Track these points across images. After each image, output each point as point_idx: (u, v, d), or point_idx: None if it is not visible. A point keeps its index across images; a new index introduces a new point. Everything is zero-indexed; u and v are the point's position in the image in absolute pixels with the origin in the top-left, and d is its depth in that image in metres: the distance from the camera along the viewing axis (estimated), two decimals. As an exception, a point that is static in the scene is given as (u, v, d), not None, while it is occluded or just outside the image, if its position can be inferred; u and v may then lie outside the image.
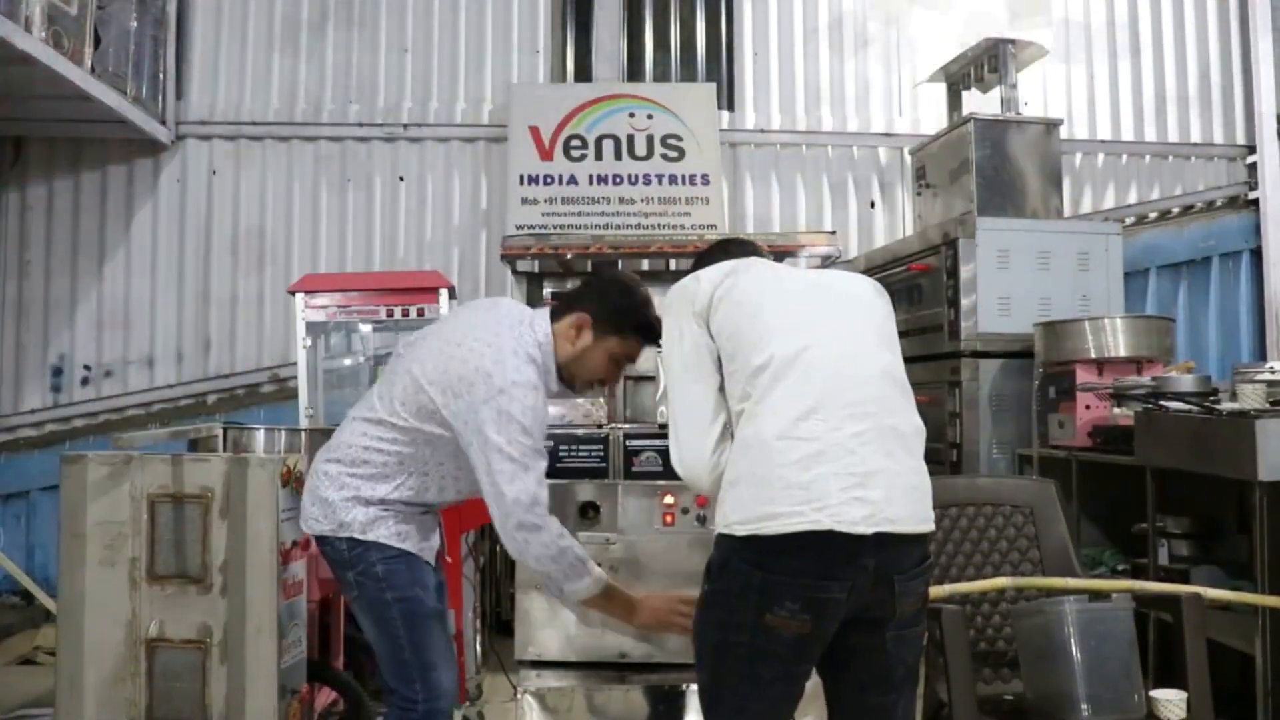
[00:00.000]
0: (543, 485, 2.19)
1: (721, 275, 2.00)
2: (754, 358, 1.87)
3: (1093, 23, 6.17)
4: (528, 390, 2.21)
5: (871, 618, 1.87)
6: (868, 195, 6.00)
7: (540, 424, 2.22)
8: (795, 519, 1.76)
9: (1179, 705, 2.35)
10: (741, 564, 1.83)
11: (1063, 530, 2.85)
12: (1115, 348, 4.02)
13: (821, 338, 1.90)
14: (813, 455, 1.80)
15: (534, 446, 2.19)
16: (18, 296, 5.64)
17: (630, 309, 2.36)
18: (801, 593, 1.76)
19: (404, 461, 2.33)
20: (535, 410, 2.21)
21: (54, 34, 4.35)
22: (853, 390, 1.87)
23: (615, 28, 6.00)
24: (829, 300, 2.01)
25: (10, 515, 5.51)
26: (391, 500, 2.34)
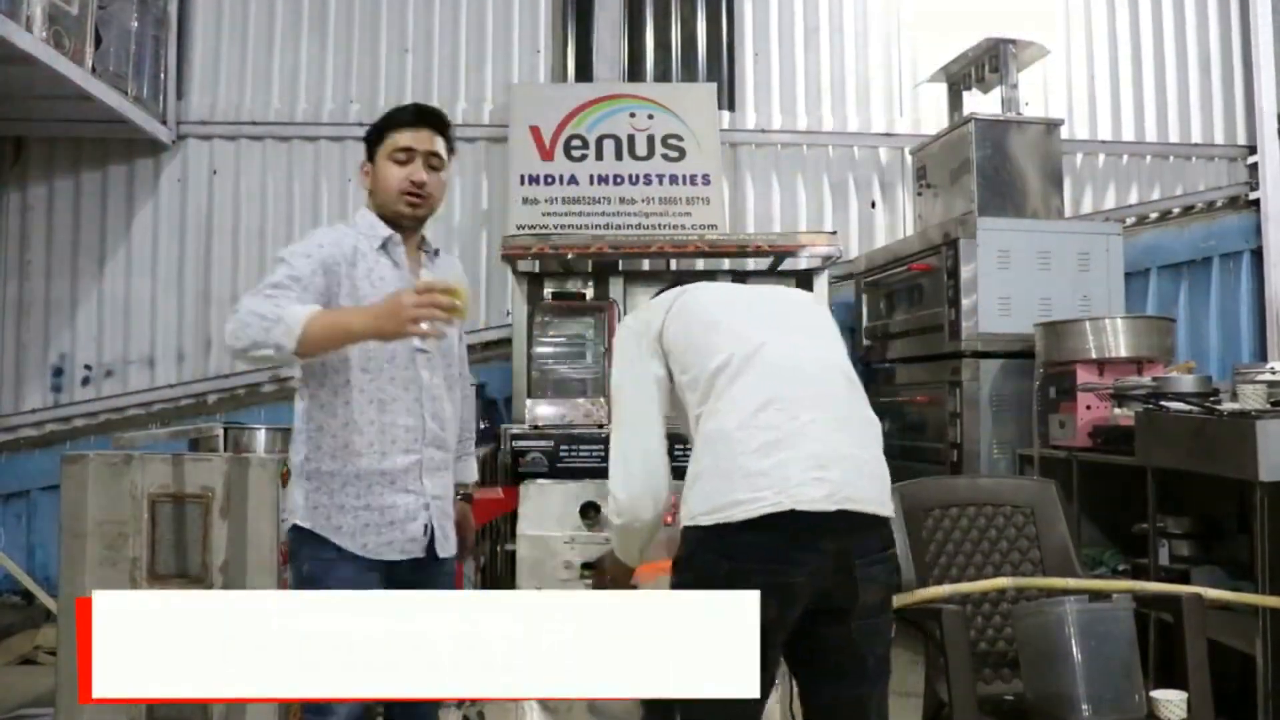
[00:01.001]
0: (261, 296, 2.00)
1: (672, 297, 2.13)
2: (711, 361, 1.95)
3: (1093, 23, 6.18)
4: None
5: (835, 607, 1.88)
6: (868, 195, 6.00)
7: (305, 246, 2.16)
8: (758, 504, 1.80)
9: (1179, 705, 2.35)
10: (707, 554, 1.86)
11: (1063, 530, 2.85)
12: (1116, 348, 4.02)
13: (775, 336, 1.99)
14: (772, 443, 1.85)
15: (285, 273, 2.06)
16: (18, 296, 5.63)
17: (373, 129, 2.32)
18: (765, 579, 1.78)
19: (308, 385, 2.17)
20: (302, 243, 2.18)
21: (55, 34, 4.35)
22: (809, 383, 1.95)
23: (616, 28, 6.00)
24: (777, 305, 2.14)
25: (11, 515, 5.51)
26: (315, 458, 2.13)
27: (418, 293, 1.91)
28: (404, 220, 2.24)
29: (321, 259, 2.12)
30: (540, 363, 4.68)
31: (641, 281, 5.12)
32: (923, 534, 2.79)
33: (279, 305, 1.96)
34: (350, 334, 1.97)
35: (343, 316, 2.02)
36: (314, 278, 2.08)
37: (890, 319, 5.24)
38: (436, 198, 2.28)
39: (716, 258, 4.91)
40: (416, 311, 1.88)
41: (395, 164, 2.23)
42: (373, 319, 1.94)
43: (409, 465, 2.16)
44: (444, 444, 2.25)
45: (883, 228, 5.97)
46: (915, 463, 4.79)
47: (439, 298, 1.90)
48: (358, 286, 2.17)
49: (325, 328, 1.94)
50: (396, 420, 2.15)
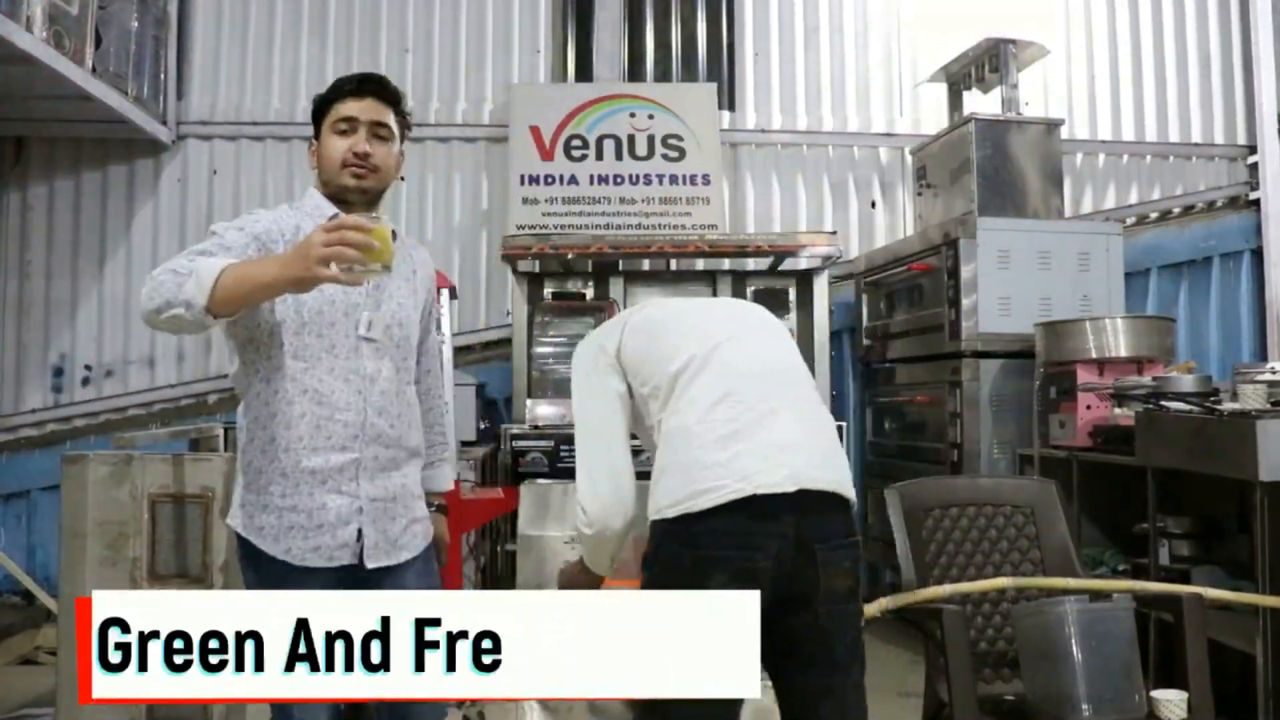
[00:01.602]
0: (180, 259, 1.84)
1: (627, 313, 2.20)
2: (671, 365, 2.01)
3: (1094, 22, 6.17)
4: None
5: (800, 594, 1.89)
6: (868, 195, 6.00)
7: (240, 221, 2.00)
8: (720, 492, 1.84)
9: (1180, 705, 2.35)
10: (672, 546, 1.89)
11: (1063, 530, 2.85)
12: (1116, 348, 4.02)
13: (731, 337, 2.05)
14: (730, 434, 1.90)
15: (213, 242, 1.91)
16: (19, 296, 5.64)
17: (315, 103, 2.14)
18: (729, 564, 1.82)
19: (245, 375, 2.00)
20: (236, 220, 2.02)
21: (55, 34, 4.35)
22: (765, 379, 2.00)
23: (616, 28, 6.00)
24: (730, 310, 2.24)
25: (11, 515, 5.51)
26: (248, 452, 1.98)
27: (324, 230, 1.68)
28: (349, 195, 2.05)
29: (256, 233, 1.95)
30: (540, 363, 4.68)
31: (641, 281, 5.13)
32: (923, 534, 2.79)
33: (195, 263, 1.79)
34: (260, 284, 1.73)
35: (253, 266, 1.78)
36: (246, 250, 1.89)
37: (890, 319, 5.24)
38: (386, 170, 2.09)
39: (716, 258, 4.91)
40: (323, 251, 1.64)
41: (338, 135, 2.06)
42: (280, 264, 1.72)
43: (344, 464, 1.96)
44: (393, 442, 2.04)
45: (883, 228, 5.97)
46: (915, 463, 4.79)
47: (349, 234, 1.65)
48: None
49: (235, 279, 1.73)
50: (334, 415, 1.96)
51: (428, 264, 2.27)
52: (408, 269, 2.15)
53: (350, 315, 1.99)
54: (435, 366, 2.34)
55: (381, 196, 2.12)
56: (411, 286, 2.16)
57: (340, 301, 1.99)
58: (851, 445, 5.27)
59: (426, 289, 2.24)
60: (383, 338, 2.03)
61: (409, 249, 2.19)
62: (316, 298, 1.94)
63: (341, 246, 1.65)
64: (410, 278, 2.16)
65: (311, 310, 1.96)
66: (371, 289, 2.03)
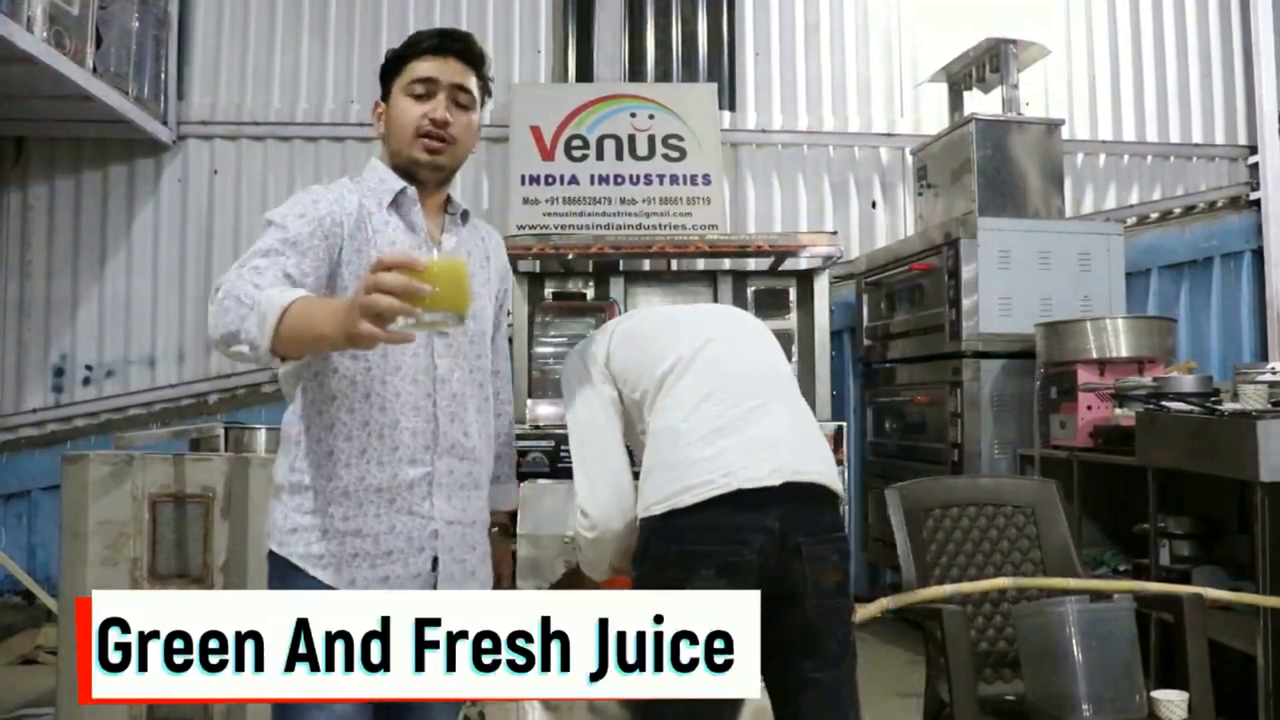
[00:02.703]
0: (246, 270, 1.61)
1: (615, 323, 2.21)
2: (658, 369, 2.02)
3: (1094, 22, 6.17)
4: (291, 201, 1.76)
5: (788, 588, 1.89)
6: (869, 195, 6.00)
7: (298, 204, 1.72)
8: (706, 488, 1.85)
9: (1180, 705, 2.35)
10: (659, 543, 1.90)
11: (1064, 530, 2.85)
12: (1117, 348, 4.02)
13: (716, 338, 2.06)
14: (715, 430, 1.91)
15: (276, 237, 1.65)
16: (19, 296, 5.64)
17: (388, 59, 1.90)
18: (715, 559, 1.83)
19: (300, 376, 1.73)
20: (292, 202, 1.73)
21: (55, 34, 4.35)
22: (750, 378, 2.02)
23: (617, 28, 6.00)
24: (715, 314, 2.24)
25: (12, 515, 5.51)
26: (299, 468, 1.71)
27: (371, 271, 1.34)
28: (421, 170, 1.80)
29: (319, 218, 1.68)
30: (541, 363, 4.67)
31: (642, 282, 5.12)
32: (923, 534, 2.79)
33: (261, 283, 1.54)
34: (320, 335, 1.42)
35: (316, 308, 1.46)
36: (312, 240, 1.66)
37: (891, 319, 5.24)
38: (464, 143, 1.83)
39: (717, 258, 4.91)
40: (363, 301, 1.30)
41: (412, 99, 1.79)
42: (333, 315, 1.40)
43: (415, 479, 1.71)
44: (468, 454, 1.79)
45: (883, 228, 5.97)
46: (916, 463, 4.79)
47: (386, 279, 1.29)
48: (366, 257, 1.71)
49: (300, 322, 1.44)
50: (400, 421, 1.70)
51: (501, 248, 2.03)
52: (480, 254, 1.92)
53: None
54: (505, 367, 2.11)
55: (454, 174, 1.87)
56: (485, 274, 1.92)
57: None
58: (852, 445, 5.27)
59: (500, 277, 2.02)
60: (455, 332, 1.75)
61: (481, 232, 1.97)
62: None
63: (377, 296, 1.29)
64: (484, 264, 1.93)
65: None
66: None
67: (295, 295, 1.47)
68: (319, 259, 1.66)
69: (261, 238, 1.67)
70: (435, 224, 1.86)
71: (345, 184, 1.82)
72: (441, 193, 1.88)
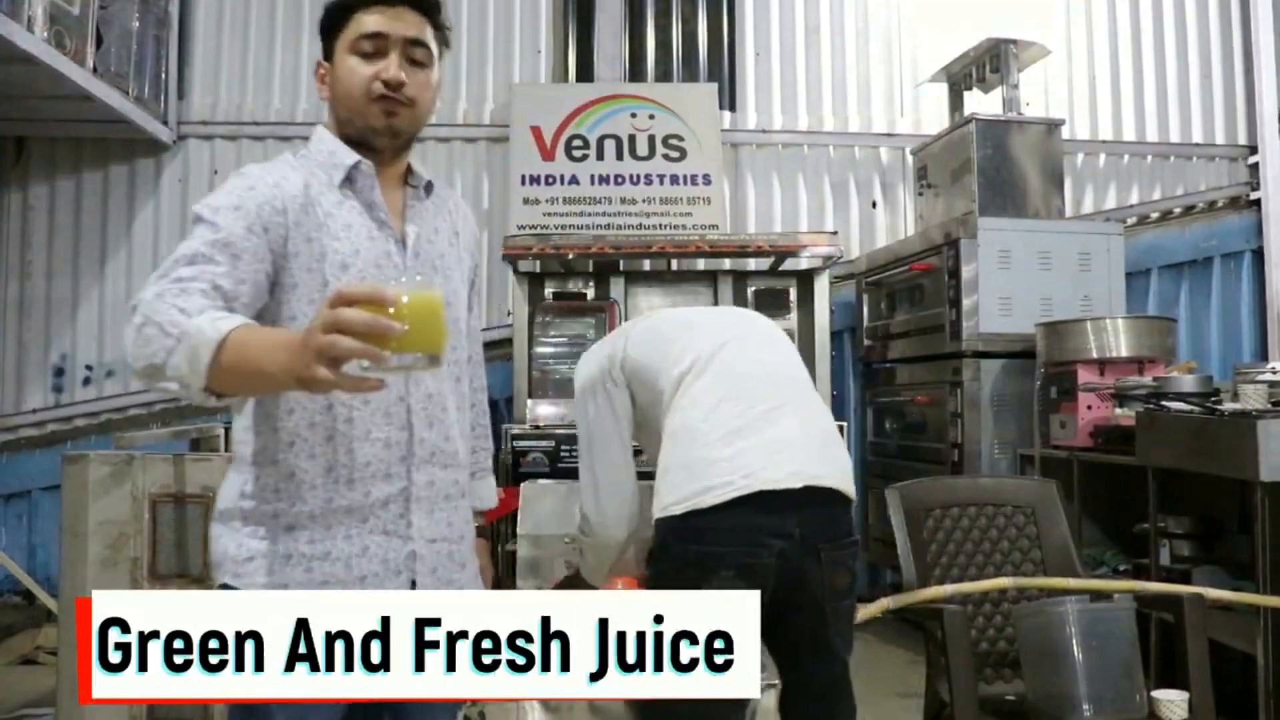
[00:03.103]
0: (166, 285, 1.37)
1: (631, 324, 2.22)
2: (675, 369, 2.03)
3: (1094, 22, 6.17)
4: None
5: (804, 591, 1.93)
6: (869, 195, 6.00)
7: (231, 192, 1.50)
8: (727, 489, 1.86)
9: (1181, 705, 2.34)
10: (677, 543, 1.90)
11: (1064, 530, 2.85)
12: (1117, 348, 4.02)
13: (732, 340, 2.08)
14: (734, 431, 1.92)
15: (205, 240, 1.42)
16: (19, 296, 5.64)
17: (328, 9, 1.61)
18: (734, 559, 1.85)
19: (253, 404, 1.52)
20: (224, 190, 1.51)
21: (56, 34, 4.35)
22: (766, 380, 2.04)
23: (617, 28, 6.00)
24: (731, 317, 2.26)
25: (12, 515, 5.51)
26: (253, 492, 1.51)
27: (327, 305, 1.15)
28: (376, 139, 1.57)
29: (257, 208, 1.47)
30: (541, 363, 4.68)
31: (642, 281, 5.12)
32: (923, 534, 2.79)
33: (188, 306, 1.32)
34: (263, 374, 1.24)
35: (258, 340, 1.27)
36: (249, 238, 1.44)
37: (891, 319, 5.24)
38: (423, 104, 1.59)
39: (717, 258, 4.91)
40: (318, 342, 1.13)
41: (360, 58, 1.55)
42: (286, 351, 1.20)
43: (390, 496, 1.51)
44: (451, 461, 1.59)
45: (884, 228, 5.97)
46: (916, 463, 4.79)
47: (347, 317, 1.12)
48: (318, 246, 1.50)
49: (234, 360, 1.25)
50: (371, 431, 1.50)
51: (470, 221, 1.79)
52: (448, 230, 1.69)
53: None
54: (478, 351, 1.86)
55: (413, 141, 1.64)
56: (455, 251, 1.69)
57: (370, 280, 1.50)
58: (852, 445, 5.27)
59: (471, 254, 1.77)
60: None
61: (448, 204, 1.73)
62: (341, 278, 1.50)
63: (337, 338, 1.12)
64: (453, 240, 1.69)
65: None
66: (410, 256, 1.57)
67: (231, 325, 1.26)
68: (258, 258, 1.45)
69: (188, 237, 1.44)
70: (395, 200, 1.61)
71: (288, 161, 1.60)
72: (400, 162, 1.64)
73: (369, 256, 1.54)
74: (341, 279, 1.49)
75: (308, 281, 1.50)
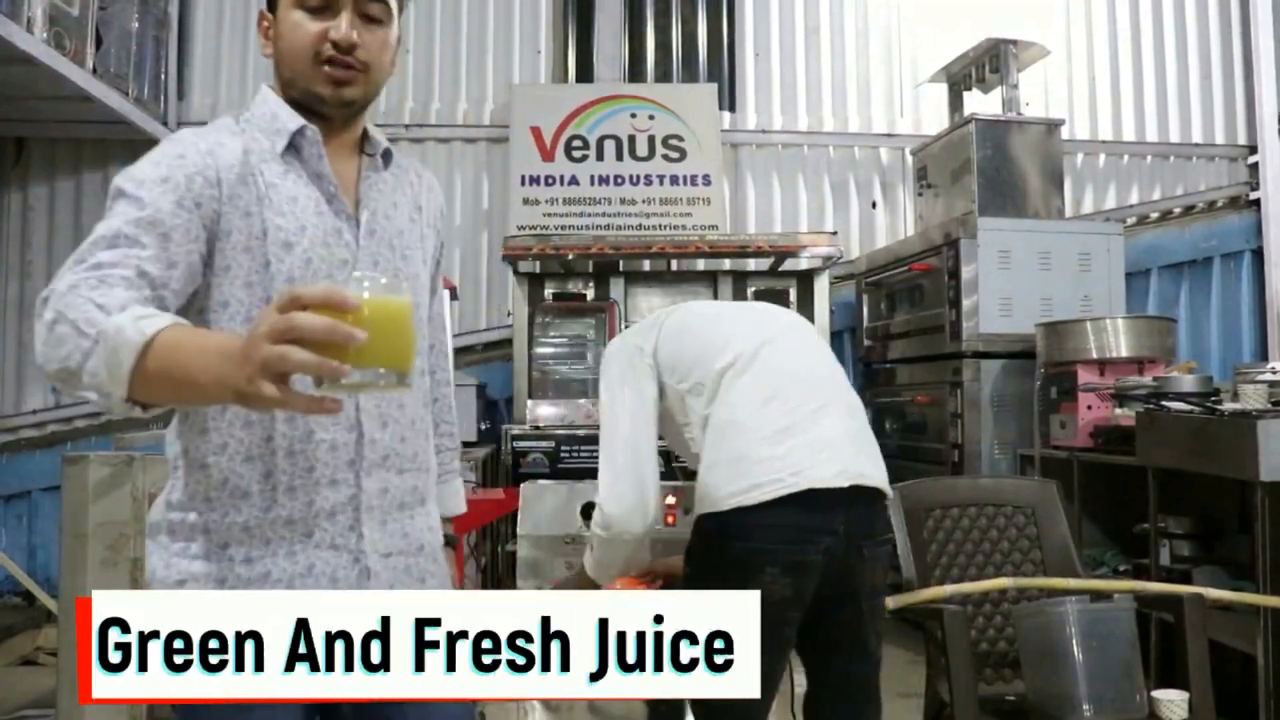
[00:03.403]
0: (82, 275, 1.22)
1: (663, 316, 2.21)
2: (716, 363, 2.03)
3: (1094, 22, 6.17)
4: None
5: (846, 588, 1.97)
6: (869, 196, 6.00)
7: (159, 163, 1.31)
8: (776, 486, 1.88)
9: (1181, 705, 2.34)
10: (722, 539, 1.92)
11: (1064, 530, 2.85)
12: (1117, 348, 4.02)
13: (773, 338, 2.09)
14: (781, 430, 1.94)
15: (127, 218, 1.26)
16: (20, 297, 5.64)
17: None
18: (782, 557, 1.87)
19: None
20: (150, 160, 1.33)
21: (55, 35, 4.35)
22: (808, 379, 2.06)
23: (617, 28, 6.00)
24: (770, 314, 2.26)
25: (12, 516, 5.51)
26: (182, 502, 1.35)
27: (275, 309, 1.00)
28: (325, 107, 1.38)
29: (187, 180, 1.28)
30: (541, 363, 4.68)
31: (642, 282, 5.13)
32: (923, 534, 2.79)
33: (108, 300, 1.15)
34: (192, 386, 1.09)
35: (185, 348, 1.10)
36: (179, 214, 1.26)
37: (891, 319, 5.24)
38: (378, 69, 1.40)
39: (717, 258, 4.92)
40: (265, 354, 0.97)
41: (306, 13, 1.36)
42: (221, 360, 1.04)
43: (336, 505, 1.35)
44: (408, 464, 1.43)
45: (883, 228, 5.97)
46: (916, 463, 4.79)
47: (302, 322, 0.97)
48: (258, 222, 1.32)
49: (161, 367, 1.09)
50: (314, 433, 1.33)
51: (435, 192, 1.59)
52: (409, 204, 1.50)
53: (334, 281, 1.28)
54: (441, 339, 1.67)
55: (366, 109, 1.44)
56: (417, 229, 1.50)
57: (318, 261, 1.34)
58: (852, 446, 5.26)
59: (436, 230, 1.59)
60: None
61: (409, 176, 1.53)
62: (284, 259, 1.32)
63: (289, 349, 0.96)
64: (415, 217, 1.50)
65: (279, 276, 1.32)
66: (365, 235, 1.40)
67: (157, 325, 1.09)
68: (190, 238, 1.27)
69: (109, 214, 1.27)
70: (348, 171, 1.43)
71: (226, 125, 1.39)
72: (355, 127, 1.44)
73: (316, 234, 1.35)
74: (285, 260, 1.32)
75: (244, 262, 1.32)
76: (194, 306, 1.31)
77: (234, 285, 1.32)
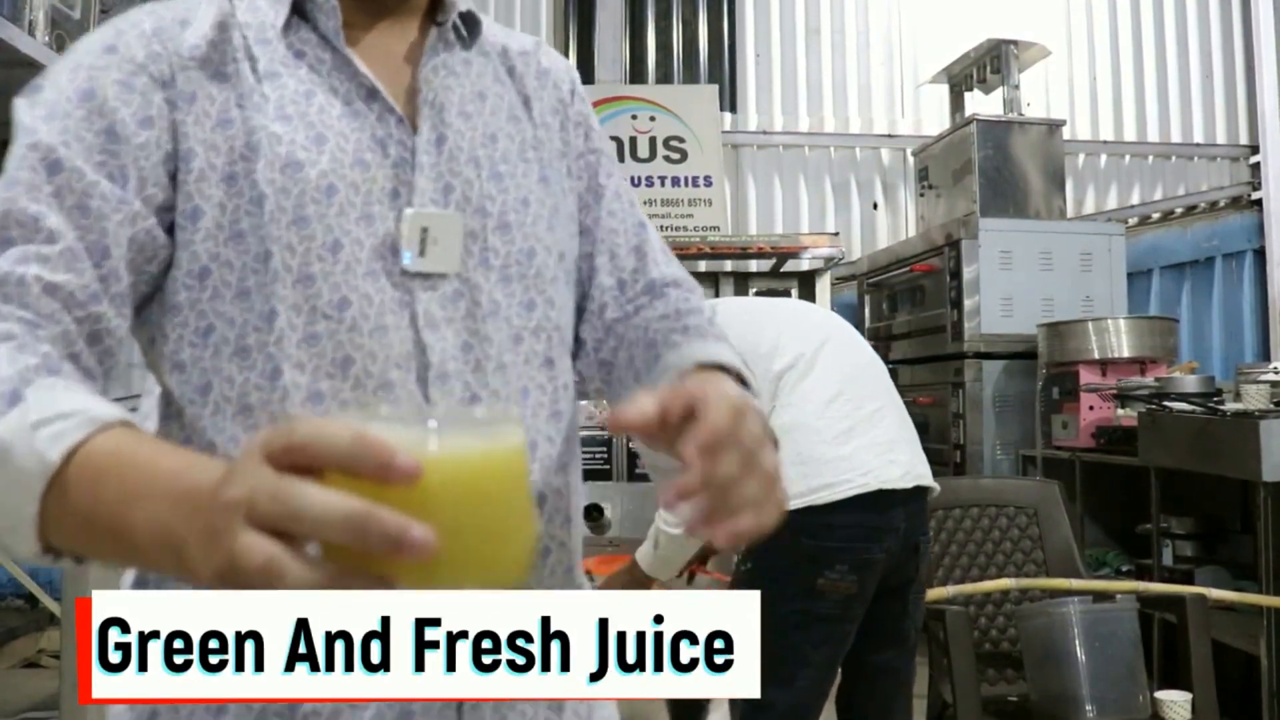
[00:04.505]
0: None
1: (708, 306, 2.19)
2: (775, 363, 2.08)
3: (1095, 23, 6.17)
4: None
5: (900, 582, 2.07)
6: (870, 196, 6.00)
7: (78, 68, 0.78)
8: (845, 486, 1.96)
9: (1184, 706, 2.34)
10: (788, 536, 1.93)
11: (1066, 531, 2.85)
12: (1119, 348, 4.02)
13: (833, 337, 2.17)
14: (846, 431, 2.02)
15: (35, 159, 0.74)
16: (21, 300, 5.64)
17: None
18: (850, 555, 1.95)
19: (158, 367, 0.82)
20: (71, 59, 0.80)
21: (57, 38, 4.34)
22: (865, 378, 2.14)
23: (617, 29, 6.00)
24: (819, 314, 2.36)
25: (14, 518, 5.51)
26: None
27: (267, 464, 0.54)
28: None
29: (120, 92, 0.77)
30: (542, 364, 4.68)
31: (643, 283, 5.12)
32: (925, 535, 2.79)
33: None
34: (130, 547, 0.65)
35: (123, 474, 0.63)
36: (111, 162, 0.76)
37: (892, 320, 5.24)
38: None
39: (718, 259, 4.91)
40: (234, 552, 0.57)
41: None
42: (174, 509, 0.60)
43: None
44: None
45: (885, 229, 5.97)
46: (918, 464, 4.78)
47: (314, 511, 0.54)
48: (241, 135, 0.78)
49: (83, 511, 0.64)
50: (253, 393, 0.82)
51: (565, 70, 1.07)
52: (509, 94, 0.95)
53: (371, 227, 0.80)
54: (631, 219, 1.06)
55: None
56: (524, 133, 0.93)
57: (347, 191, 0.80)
58: (854, 446, 5.27)
59: (576, 123, 1.02)
60: (455, 276, 0.84)
61: (510, 60, 1.00)
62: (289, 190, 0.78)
63: (280, 558, 0.57)
64: (520, 114, 0.94)
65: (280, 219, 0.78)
66: (428, 148, 0.84)
67: (75, 437, 0.63)
68: (134, 188, 0.76)
69: (7, 161, 0.75)
70: (403, 49, 0.88)
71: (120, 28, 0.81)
72: None
73: (344, 147, 0.81)
74: (290, 192, 0.78)
75: (220, 200, 0.79)
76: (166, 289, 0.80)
77: (209, 240, 0.78)
